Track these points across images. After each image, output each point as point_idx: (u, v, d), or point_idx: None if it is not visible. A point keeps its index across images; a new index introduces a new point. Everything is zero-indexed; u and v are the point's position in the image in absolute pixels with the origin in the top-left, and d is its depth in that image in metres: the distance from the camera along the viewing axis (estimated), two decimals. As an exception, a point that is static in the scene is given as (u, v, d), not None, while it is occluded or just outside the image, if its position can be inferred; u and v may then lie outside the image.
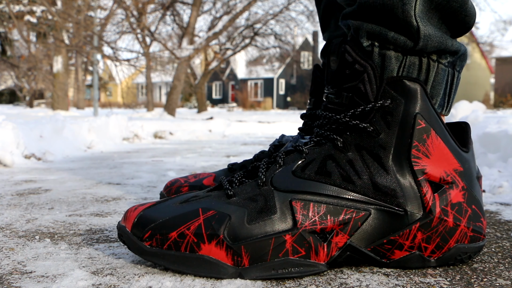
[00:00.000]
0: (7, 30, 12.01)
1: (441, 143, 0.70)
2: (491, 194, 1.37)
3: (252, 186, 0.71)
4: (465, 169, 0.72)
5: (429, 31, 0.69)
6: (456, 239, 0.71)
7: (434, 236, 0.70)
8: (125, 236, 0.71)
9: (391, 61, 0.70)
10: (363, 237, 0.69)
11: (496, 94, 23.83)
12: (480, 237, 0.73)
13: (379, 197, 0.69)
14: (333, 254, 0.68)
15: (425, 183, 0.69)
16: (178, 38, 14.43)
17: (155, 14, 12.58)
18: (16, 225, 0.98)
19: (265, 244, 0.66)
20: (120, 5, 9.98)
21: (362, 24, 0.71)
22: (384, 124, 0.69)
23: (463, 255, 0.72)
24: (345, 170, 0.70)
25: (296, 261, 0.66)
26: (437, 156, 0.70)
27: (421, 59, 0.71)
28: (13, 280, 0.66)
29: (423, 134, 0.69)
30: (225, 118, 7.90)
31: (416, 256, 0.70)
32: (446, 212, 0.70)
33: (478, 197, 0.73)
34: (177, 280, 0.66)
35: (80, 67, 19.57)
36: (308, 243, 0.67)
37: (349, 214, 0.68)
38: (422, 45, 0.69)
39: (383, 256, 0.70)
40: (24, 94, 24.12)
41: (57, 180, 1.69)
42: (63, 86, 11.54)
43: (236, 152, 2.99)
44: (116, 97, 37.27)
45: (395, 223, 0.69)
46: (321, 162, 0.71)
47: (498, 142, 1.82)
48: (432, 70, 0.71)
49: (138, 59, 10.57)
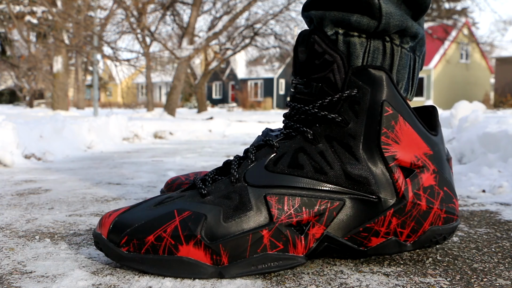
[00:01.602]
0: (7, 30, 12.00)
1: (410, 128, 0.71)
2: (491, 194, 1.37)
3: (226, 184, 0.71)
4: (435, 152, 0.73)
5: (390, 9, 0.70)
6: (430, 222, 0.72)
7: (409, 220, 0.70)
8: (102, 243, 0.70)
9: (355, 48, 0.71)
10: (339, 226, 0.69)
11: (496, 94, 23.83)
12: (454, 218, 0.74)
13: (352, 186, 0.70)
14: (311, 246, 0.69)
15: (396, 169, 0.70)
16: (178, 38, 14.44)
17: (155, 14, 12.58)
18: (16, 225, 0.98)
19: (243, 241, 0.66)
20: (120, 5, 9.97)
21: (324, 13, 0.72)
22: (352, 113, 0.70)
23: (438, 236, 0.73)
24: (317, 162, 0.70)
25: (274, 255, 0.67)
26: (407, 141, 0.71)
27: (385, 44, 0.72)
28: (13, 280, 0.66)
29: (391, 121, 0.70)
30: (225, 118, 7.90)
31: (392, 241, 0.71)
32: (419, 196, 0.70)
33: (449, 178, 0.74)
34: (177, 280, 0.66)
35: (80, 67, 19.57)
36: (285, 236, 0.67)
37: (323, 205, 0.69)
38: (385, 23, 0.70)
39: (360, 244, 0.71)
40: (24, 94, 24.12)
41: (57, 180, 1.69)
42: (63, 86, 11.53)
43: (236, 152, 2.99)
44: (116, 97, 37.26)
45: (370, 210, 0.69)
46: (293, 155, 0.71)
47: (498, 142, 1.82)
48: (396, 54, 0.72)
49: (138, 59, 10.56)
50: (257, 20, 14.52)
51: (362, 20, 0.70)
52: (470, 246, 0.84)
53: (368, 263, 0.74)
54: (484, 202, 1.24)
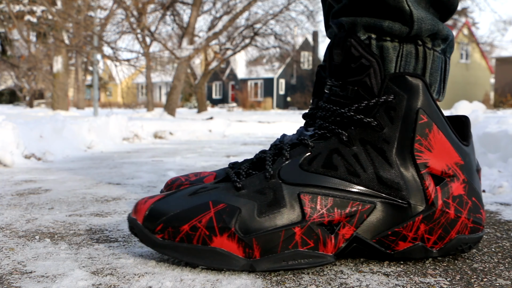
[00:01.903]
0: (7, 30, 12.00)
1: (443, 137, 0.72)
2: (491, 194, 1.37)
3: (260, 179, 0.72)
4: (466, 162, 0.74)
5: (421, 14, 0.70)
6: (457, 230, 0.73)
7: (437, 227, 0.71)
8: (137, 228, 0.72)
9: (389, 52, 0.72)
10: (368, 229, 0.70)
11: (496, 94, 23.83)
12: (480, 228, 0.75)
13: (384, 190, 0.71)
14: (340, 245, 0.70)
15: (427, 176, 0.71)
16: (178, 38, 14.44)
17: (155, 14, 12.58)
18: (16, 225, 0.98)
19: (276, 236, 0.67)
20: (120, 5, 9.98)
21: (356, 19, 0.72)
22: (387, 118, 0.71)
23: (463, 245, 0.74)
24: (351, 164, 0.71)
25: (305, 252, 0.68)
26: (439, 150, 0.72)
27: (417, 48, 0.72)
28: (13, 280, 0.66)
29: (425, 129, 0.71)
30: (225, 118, 7.90)
31: (419, 247, 0.72)
32: (448, 204, 0.72)
33: (477, 189, 0.75)
34: (177, 280, 0.66)
35: (80, 67, 19.57)
36: (316, 235, 0.69)
37: (355, 207, 0.70)
38: (417, 28, 0.70)
39: (387, 247, 0.72)
40: (24, 94, 24.13)
41: (57, 180, 1.69)
42: (63, 86, 11.53)
43: (236, 152, 2.98)
44: (116, 97, 37.27)
45: (399, 215, 0.71)
46: (327, 155, 0.72)
47: (498, 142, 1.82)
48: (429, 58, 0.73)
49: (138, 59, 10.56)
50: (257, 20, 14.52)
51: (394, 26, 0.71)
52: (470, 246, 0.84)
53: (368, 263, 0.74)
54: (484, 202, 1.24)
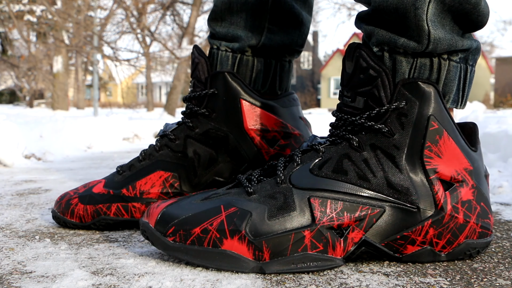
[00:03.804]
0: (7, 30, 12.00)
1: (453, 143, 0.73)
2: (491, 194, 1.37)
3: (271, 184, 0.74)
4: (475, 168, 0.75)
5: (439, 34, 0.70)
6: (466, 235, 0.73)
7: (445, 232, 0.72)
8: (149, 232, 0.73)
9: (402, 65, 0.72)
10: (377, 232, 0.71)
11: (496, 94, 23.83)
12: (488, 233, 0.76)
13: (393, 195, 0.71)
14: (349, 249, 0.71)
15: (436, 182, 0.72)
16: (178, 38, 14.43)
17: (155, 14, 12.58)
18: (16, 225, 0.98)
19: (285, 239, 0.69)
20: (120, 5, 9.98)
21: (374, 30, 0.73)
22: (398, 125, 0.72)
23: (472, 250, 0.74)
24: (361, 169, 0.72)
25: (314, 255, 0.69)
26: (449, 156, 0.72)
27: (432, 60, 0.72)
28: (13, 280, 0.66)
29: (436, 135, 0.72)
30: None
31: (427, 251, 0.73)
32: (457, 209, 0.72)
33: (486, 194, 0.76)
34: (177, 280, 0.66)
35: (80, 67, 19.56)
36: (326, 238, 0.70)
37: (364, 211, 0.71)
38: (432, 48, 0.71)
39: (396, 251, 0.73)
40: (24, 94, 24.13)
41: (57, 180, 1.69)
42: (63, 86, 11.54)
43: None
44: (116, 97, 37.26)
45: (408, 219, 0.71)
46: (338, 160, 0.73)
47: (498, 142, 1.82)
48: (444, 68, 0.73)
49: (138, 59, 10.56)
50: (257, 20, 14.48)
51: (409, 43, 0.71)
52: (470, 246, 0.84)
53: (368, 263, 0.74)
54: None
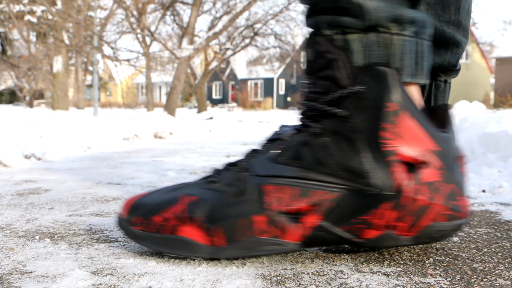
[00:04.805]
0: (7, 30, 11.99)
1: (414, 124, 0.71)
2: (491, 194, 1.37)
3: (234, 172, 0.76)
4: (443, 149, 0.72)
5: (373, 3, 0.71)
6: (432, 218, 0.71)
7: (407, 214, 0.70)
8: (121, 223, 0.79)
9: (354, 44, 0.72)
10: (335, 217, 0.71)
11: (496, 94, 23.83)
12: (459, 216, 0.73)
13: (352, 178, 0.71)
14: (306, 234, 0.71)
15: (395, 163, 0.70)
16: (178, 38, 14.43)
17: (155, 14, 12.58)
18: (16, 225, 0.98)
19: (238, 225, 0.71)
20: (120, 5, 9.98)
21: (318, 18, 0.74)
22: (357, 108, 0.71)
23: (437, 233, 0.72)
24: (318, 154, 0.72)
25: (267, 240, 0.70)
26: (410, 136, 0.71)
27: (382, 35, 0.72)
28: (13, 280, 0.66)
29: (394, 116, 0.70)
30: (225, 118, 7.89)
31: (388, 235, 0.71)
32: (419, 191, 0.70)
33: (456, 176, 0.74)
34: (177, 280, 0.66)
35: (80, 67, 19.56)
36: (280, 223, 0.70)
37: (321, 195, 0.70)
38: (372, 18, 0.71)
39: (356, 235, 0.72)
40: (24, 94, 24.13)
41: (57, 180, 1.69)
42: (63, 86, 11.52)
43: (236, 152, 2.98)
44: (116, 97, 37.25)
45: (367, 202, 0.70)
46: (296, 147, 0.74)
47: (498, 142, 1.82)
48: (396, 43, 0.72)
49: (138, 59, 10.56)
50: (257, 20, 14.51)
51: (351, 21, 0.72)
52: (470, 246, 0.84)
53: (368, 263, 0.74)
54: (484, 202, 1.24)
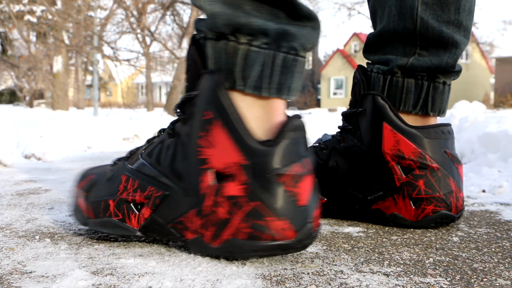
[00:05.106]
0: (7, 30, 12.00)
1: (225, 135, 0.70)
2: (491, 194, 1.37)
3: (122, 159, 0.88)
4: (253, 164, 0.68)
5: (215, 9, 0.72)
6: (231, 232, 0.70)
7: (210, 224, 0.71)
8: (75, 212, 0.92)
9: (208, 50, 0.74)
10: (163, 213, 0.77)
11: (496, 94, 23.84)
12: (261, 237, 0.68)
13: (175, 179, 0.76)
14: (141, 223, 0.79)
15: (205, 172, 0.71)
16: (178, 38, 14.43)
17: (155, 14, 12.58)
18: (16, 225, 0.98)
19: (98, 204, 0.84)
20: (120, 5, 9.98)
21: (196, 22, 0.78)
22: (190, 114, 0.75)
23: (235, 250, 0.70)
24: (160, 153, 0.79)
25: (115, 222, 0.81)
26: (220, 147, 0.70)
27: (228, 43, 0.73)
28: (13, 280, 0.66)
29: (208, 125, 0.71)
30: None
31: (199, 240, 0.73)
32: (218, 203, 0.70)
33: (264, 195, 0.68)
34: (177, 280, 0.66)
35: (80, 67, 19.57)
36: (124, 209, 0.81)
37: (151, 191, 0.78)
38: (210, 23, 0.73)
39: (180, 234, 0.76)
40: (24, 94, 24.14)
41: (57, 180, 1.69)
42: (63, 86, 11.53)
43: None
44: (116, 97, 37.26)
45: (183, 205, 0.74)
46: (154, 145, 0.82)
47: (498, 142, 1.82)
48: (240, 53, 0.72)
49: (138, 59, 10.57)
50: (257, 20, 14.48)
51: (202, 23, 0.75)
52: (470, 246, 0.84)
53: (368, 263, 0.74)
54: (484, 202, 1.24)
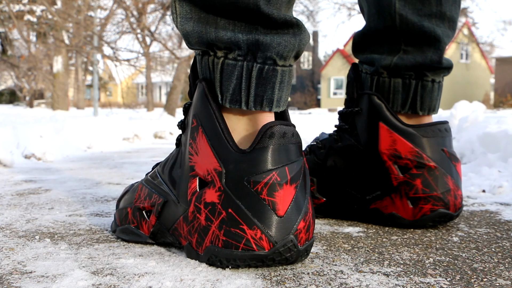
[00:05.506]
0: (7, 30, 11.99)
1: (205, 142, 0.72)
2: (491, 194, 1.37)
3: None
4: (229, 170, 0.68)
5: (187, 28, 0.73)
6: (210, 240, 0.70)
7: (193, 231, 0.73)
8: None
9: (199, 64, 0.76)
10: (165, 220, 0.79)
11: (496, 94, 23.85)
12: (237, 245, 0.67)
13: (172, 187, 0.79)
14: (150, 229, 0.82)
15: (193, 179, 0.73)
16: (178, 38, 14.43)
17: (155, 14, 12.57)
18: (16, 225, 0.98)
19: (123, 213, 0.88)
20: (120, 5, 9.98)
21: None
22: (187, 122, 0.78)
23: (214, 257, 0.69)
24: (167, 162, 0.83)
25: (132, 229, 0.85)
26: (202, 154, 0.72)
27: (208, 58, 0.73)
28: (13, 280, 0.66)
29: (195, 133, 0.74)
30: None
31: (188, 247, 0.75)
32: (199, 210, 0.71)
33: (238, 202, 0.68)
34: (177, 280, 0.66)
35: (80, 67, 19.57)
36: (137, 216, 0.84)
37: (155, 199, 0.81)
38: (187, 42, 0.75)
39: (178, 242, 0.78)
40: (24, 94, 24.13)
41: (57, 180, 1.69)
42: (63, 86, 11.54)
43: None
44: (116, 97, 37.25)
45: (176, 212, 0.77)
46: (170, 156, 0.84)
47: (498, 142, 1.82)
48: (216, 67, 0.72)
49: (138, 59, 10.57)
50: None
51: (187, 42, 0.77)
52: (470, 246, 0.84)
53: (368, 263, 0.74)
54: (484, 202, 1.24)
